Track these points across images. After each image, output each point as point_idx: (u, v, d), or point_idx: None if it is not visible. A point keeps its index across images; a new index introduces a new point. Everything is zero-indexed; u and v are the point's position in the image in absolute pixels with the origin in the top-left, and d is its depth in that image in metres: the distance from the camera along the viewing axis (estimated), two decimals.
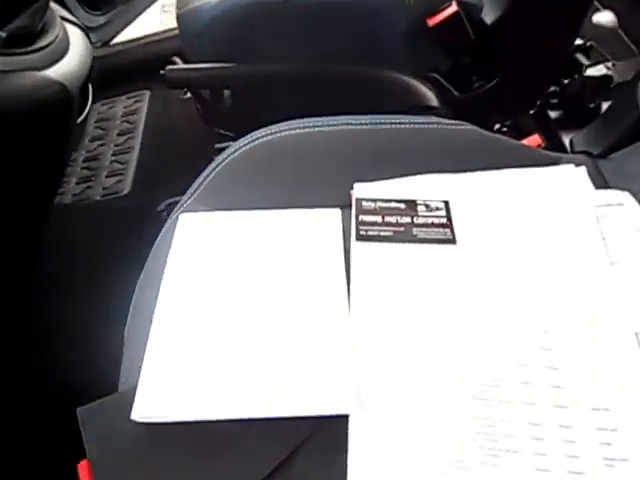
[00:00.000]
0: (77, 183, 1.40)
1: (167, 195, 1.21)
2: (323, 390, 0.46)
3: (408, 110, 0.95)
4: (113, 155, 1.47)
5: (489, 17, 0.94)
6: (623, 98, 0.69)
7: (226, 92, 1.08)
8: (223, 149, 1.19)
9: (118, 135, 1.52)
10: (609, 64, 0.98)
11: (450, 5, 0.91)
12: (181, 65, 0.98)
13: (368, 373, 0.47)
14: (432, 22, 0.91)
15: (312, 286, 0.54)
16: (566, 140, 0.96)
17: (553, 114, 0.99)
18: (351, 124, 0.68)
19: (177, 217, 0.61)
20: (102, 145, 1.50)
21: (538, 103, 1.00)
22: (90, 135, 1.53)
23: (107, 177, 1.40)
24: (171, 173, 1.28)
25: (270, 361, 0.49)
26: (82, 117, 0.88)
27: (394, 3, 0.89)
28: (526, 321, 0.51)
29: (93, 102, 0.93)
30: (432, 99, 0.96)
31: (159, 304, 0.53)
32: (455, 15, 0.91)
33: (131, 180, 1.38)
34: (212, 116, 1.10)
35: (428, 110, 0.96)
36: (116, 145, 1.49)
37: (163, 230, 0.63)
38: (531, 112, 1.01)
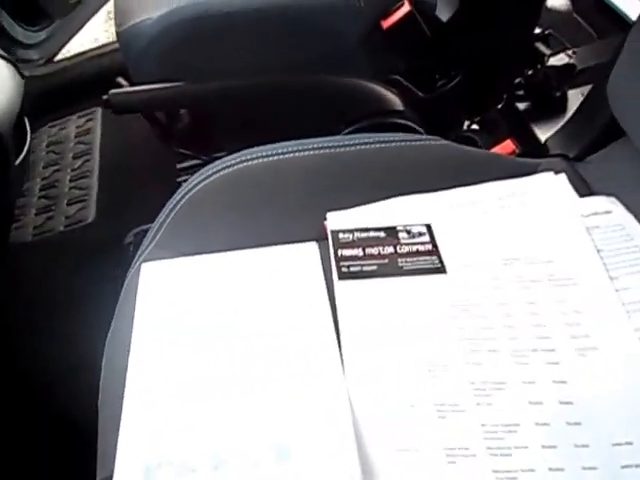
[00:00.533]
0: (37, 214, 1.31)
1: (134, 219, 1.14)
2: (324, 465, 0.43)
3: (373, 116, 0.93)
4: (71, 180, 1.39)
5: (444, 14, 0.91)
6: (594, 97, 0.67)
7: (182, 110, 1.04)
8: (185, 169, 1.15)
9: (74, 158, 1.44)
10: (570, 52, 0.96)
11: (403, 5, 0.88)
12: (125, 88, 0.92)
13: (368, 443, 0.44)
14: (387, 24, 0.88)
15: (296, 334, 0.50)
16: (537, 131, 0.94)
17: (521, 106, 0.97)
18: (318, 148, 0.64)
19: (139, 267, 0.57)
20: (58, 171, 1.42)
21: (505, 96, 0.98)
22: (44, 161, 1.45)
23: (68, 205, 1.32)
24: (135, 195, 1.23)
25: (261, 424, 0.45)
26: (22, 155, 0.82)
27: (345, 8, 0.85)
28: (530, 352, 0.48)
29: (37, 129, 0.87)
30: (396, 102, 0.93)
31: (130, 370, 0.49)
32: (409, 15, 0.88)
33: (95, 206, 1.31)
34: (169, 137, 1.05)
35: (394, 114, 0.92)
36: (73, 169, 1.41)
37: (126, 282, 0.58)
38: (499, 106, 0.98)
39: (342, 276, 0.53)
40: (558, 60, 0.97)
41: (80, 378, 0.63)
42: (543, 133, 0.93)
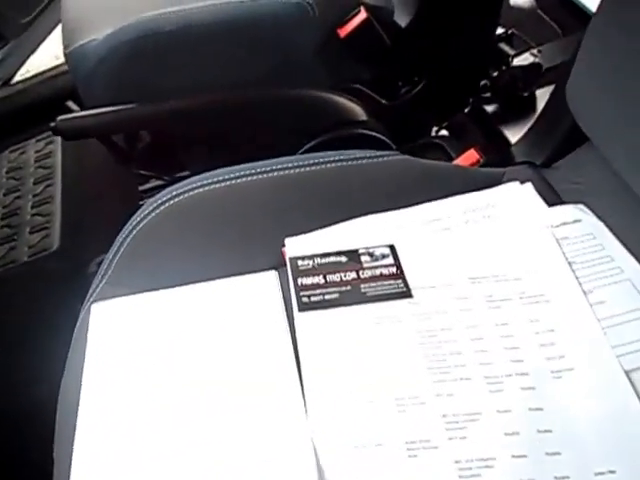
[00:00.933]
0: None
1: (100, 246, 1.10)
2: None
3: (336, 128, 0.90)
4: (33, 207, 1.33)
5: (402, 19, 0.88)
6: (556, 99, 0.64)
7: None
8: (148, 190, 1.11)
9: (35, 184, 1.39)
10: (535, 51, 0.94)
11: (359, 12, 0.85)
12: (74, 113, 0.88)
13: None
14: (343, 32, 0.85)
15: (255, 373, 0.47)
16: (507, 133, 0.91)
17: (489, 108, 0.95)
18: (274, 170, 0.61)
19: (89, 307, 0.53)
20: (19, 198, 1.36)
21: (471, 100, 0.96)
22: (4, 188, 1.40)
23: (31, 233, 1.27)
24: (100, 219, 1.18)
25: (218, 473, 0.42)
26: None
27: (299, 18, 0.82)
28: (503, 378, 0.46)
29: None
30: (359, 112, 0.90)
31: (79, 424, 0.46)
32: (366, 22, 0.85)
33: (58, 233, 1.26)
34: (128, 159, 1.01)
35: (357, 125, 0.90)
36: (34, 195, 1.36)
37: (78, 323, 0.55)
38: (466, 110, 0.96)
39: (302, 307, 0.50)
40: (523, 60, 0.95)
41: (37, 416, 0.59)
42: (513, 135, 0.91)
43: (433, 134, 0.96)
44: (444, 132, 0.96)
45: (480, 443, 0.42)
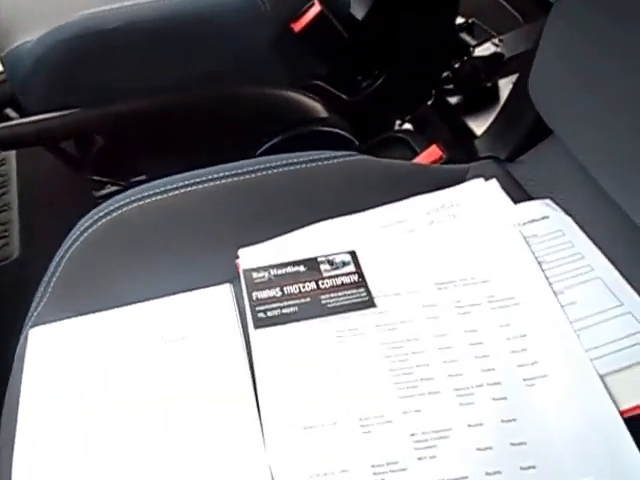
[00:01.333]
0: None
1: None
2: None
3: (295, 126, 0.87)
4: None
5: (358, 12, 0.85)
6: (519, 90, 0.62)
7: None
8: (104, 196, 1.07)
9: None
10: (496, 40, 0.91)
11: (313, 5, 0.82)
12: (11, 122, 0.83)
13: None
14: (298, 27, 0.82)
15: (208, 398, 0.43)
16: (472, 125, 0.89)
17: (452, 100, 0.92)
18: (226, 176, 0.57)
19: (27, 333, 0.49)
20: None
21: (434, 92, 0.93)
22: None
23: None
24: (60, 225, 1.13)
25: None
26: None
27: (250, 13, 0.79)
28: (474, 389, 0.43)
29: None
30: (319, 109, 0.87)
31: (15, 455, 0.42)
32: (320, 15, 0.82)
33: (18, 241, 1.21)
34: (80, 166, 0.97)
35: (318, 122, 0.87)
36: None
37: (17, 351, 0.51)
38: (429, 102, 0.93)
39: (259, 324, 0.47)
40: (485, 50, 0.93)
41: None
42: (478, 127, 0.89)
43: (397, 128, 0.94)
44: (408, 126, 0.93)
45: (451, 461, 0.40)
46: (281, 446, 0.40)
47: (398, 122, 0.98)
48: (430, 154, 0.64)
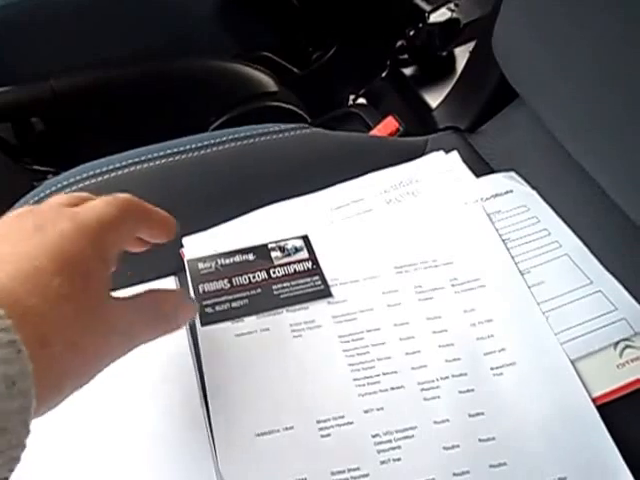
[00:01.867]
0: None
1: None
2: None
3: (243, 102, 0.82)
4: None
5: None
6: (479, 54, 0.58)
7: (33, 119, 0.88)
8: None
9: None
10: (452, 5, 0.87)
11: None
12: None
13: None
14: None
15: (152, 402, 0.39)
16: (427, 98, 0.85)
17: (407, 71, 0.88)
18: (165, 156, 0.52)
19: None
20: None
21: (388, 63, 0.89)
22: None
23: None
24: None
25: None
26: None
27: None
28: (439, 381, 0.40)
29: None
30: (269, 83, 0.82)
31: None
32: None
33: None
34: (19, 154, 0.90)
35: (267, 97, 0.82)
36: None
37: None
38: (383, 74, 0.89)
39: (206, 320, 0.42)
40: (440, 16, 0.88)
41: None
42: (434, 99, 0.85)
43: (350, 103, 0.89)
44: (362, 100, 0.89)
45: (416, 463, 0.37)
46: (232, 455, 0.36)
47: (352, 97, 0.93)
48: (386, 126, 0.61)
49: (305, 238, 0.47)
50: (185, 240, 0.47)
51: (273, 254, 0.46)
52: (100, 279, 0.30)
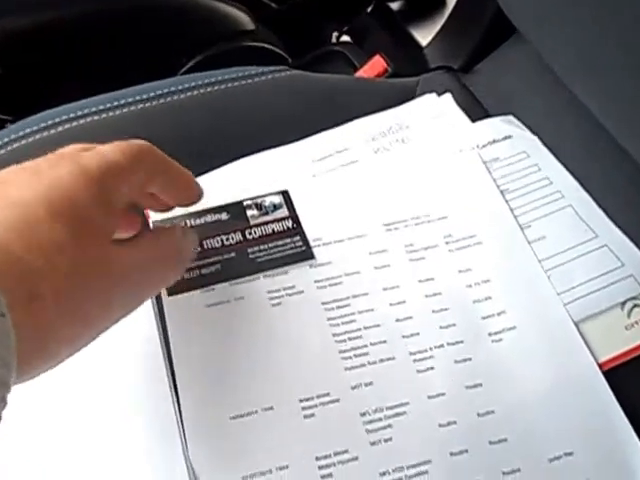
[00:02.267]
0: None
1: None
2: None
3: (217, 41, 0.76)
4: None
5: None
6: None
7: None
8: None
9: None
10: None
11: None
12: None
13: None
14: None
15: (113, 381, 0.36)
16: (416, 35, 0.79)
17: (394, 6, 0.81)
18: (133, 102, 0.47)
19: None
20: None
21: None
22: None
23: None
24: None
25: None
26: None
27: None
28: (434, 351, 0.37)
29: None
30: (245, 20, 0.76)
31: None
32: None
33: None
34: None
35: (243, 36, 0.75)
36: None
37: None
38: (369, 9, 0.83)
39: (173, 289, 0.38)
40: None
41: None
42: (424, 37, 0.79)
43: (334, 41, 0.83)
44: (346, 38, 0.82)
45: (410, 444, 0.33)
46: (204, 441, 0.33)
47: (335, 35, 0.87)
48: (373, 66, 0.55)
49: (284, 194, 0.43)
50: None
51: (249, 212, 0.42)
52: (101, 227, 0.27)
